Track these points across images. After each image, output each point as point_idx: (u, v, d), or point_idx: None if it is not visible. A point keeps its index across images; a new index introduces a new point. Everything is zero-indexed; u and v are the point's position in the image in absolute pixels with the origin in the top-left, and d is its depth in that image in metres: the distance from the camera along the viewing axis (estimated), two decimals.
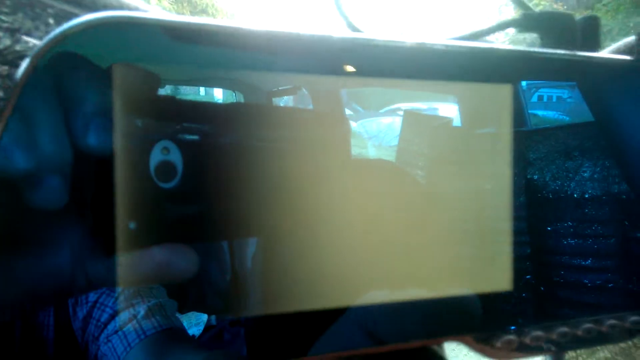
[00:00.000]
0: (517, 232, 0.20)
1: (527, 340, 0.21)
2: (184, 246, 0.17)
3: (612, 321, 0.21)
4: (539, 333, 0.21)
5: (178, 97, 0.20)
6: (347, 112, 0.28)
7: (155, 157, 0.17)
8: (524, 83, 0.23)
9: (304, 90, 0.30)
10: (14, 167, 0.15)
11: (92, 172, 0.17)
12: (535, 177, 0.21)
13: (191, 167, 0.18)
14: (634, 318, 0.21)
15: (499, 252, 0.19)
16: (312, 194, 0.19)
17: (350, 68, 0.30)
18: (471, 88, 0.22)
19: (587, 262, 0.21)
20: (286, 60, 0.22)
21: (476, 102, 0.22)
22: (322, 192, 0.20)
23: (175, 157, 0.18)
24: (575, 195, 0.22)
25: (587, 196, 0.22)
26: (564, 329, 0.21)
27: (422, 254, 0.20)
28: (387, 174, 0.22)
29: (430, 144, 0.22)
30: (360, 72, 0.28)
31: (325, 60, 0.22)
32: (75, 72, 0.16)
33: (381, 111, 0.30)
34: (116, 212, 0.17)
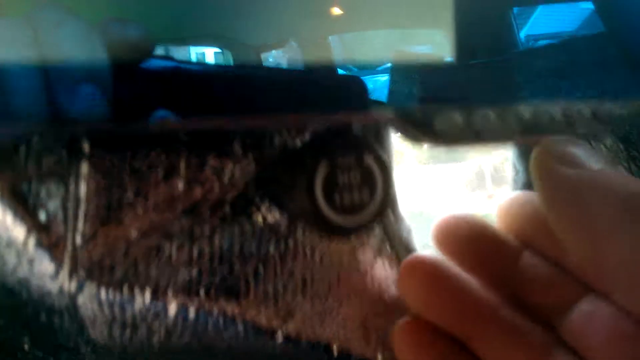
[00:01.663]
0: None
1: (476, 122, 0.19)
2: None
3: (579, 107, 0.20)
4: (490, 114, 0.19)
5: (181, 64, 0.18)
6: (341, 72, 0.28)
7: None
8: (521, 34, 0.23)
9: (293, 42, 0.29)
10: None
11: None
12: (528, 99, 0.21)
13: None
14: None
15: None
16: None
17: (337, 10, 0.29)
18: (465, 18, 0.22)
19: None
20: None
21: (468, 32, 0.22)
22: None
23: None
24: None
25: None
26: (522, 114, 0.19)
27: None
28: None
29: (420, 81, 0.22)
30: (348, 13, 0.28)
31: None
32: (59, 29, 0.14)
33: (379, 69, 0.29)
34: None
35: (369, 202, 0.19)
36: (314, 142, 0.19)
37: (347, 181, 0.17)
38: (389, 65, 0.28)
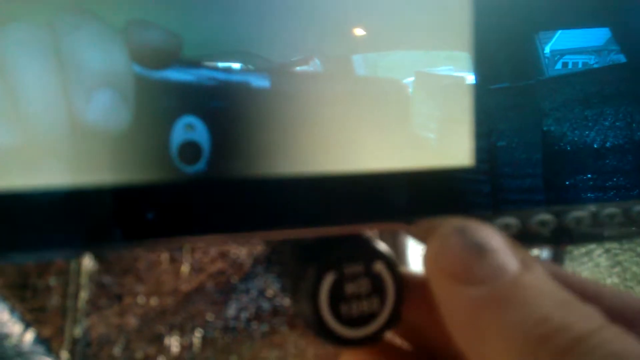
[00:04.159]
0: (533, 190, 0.20)
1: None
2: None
3: (612, 209, 0.18)
4: (510, 220, 0.17)
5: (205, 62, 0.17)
6: None
7: (178, 136, 0.16)
8: (547, 50, 0.22)
9: (317, 60, 0.29)
10: None
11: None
12: (552, 128, 0.21)
13: (220, 146, 0.16)
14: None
15: None
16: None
17: (360, 31, 0.30)
18: (487, 41, 0.21)
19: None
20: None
21: (492, 56, 0.22)
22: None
23: (202, 135, 0.16)
24: (595, 146, 0.21)
25: (608, 145, 0.21)
26: (546, 216, 0.18)
27: None
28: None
29: (442, 104, 0.22)
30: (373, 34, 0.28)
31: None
32: (77, 32, 0.13)
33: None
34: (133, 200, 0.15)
35: (379, 312, 0.17)
36: (319, 246, 0.18)
37: (355, 291, 0.17)
38: (410, 79, 0.28)
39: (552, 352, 0.09)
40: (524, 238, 0.19)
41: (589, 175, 0.21)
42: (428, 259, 0.13)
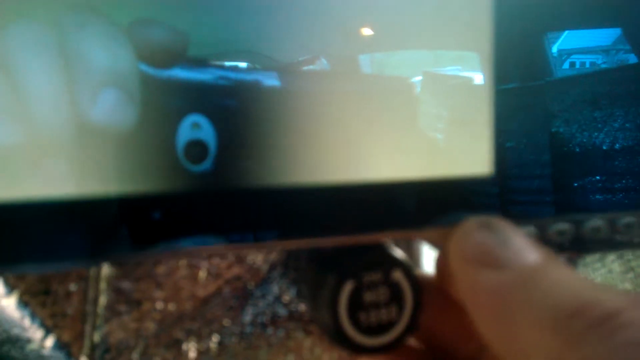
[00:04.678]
0: (541, 192, 0.20)
1: None
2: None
3: (629, 219, 0.18)
4: (528, 228, 0.18)
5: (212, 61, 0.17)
6: None
7: (184, 134, 0.15)
8: (554, 49, 0.22)
9: (323, 60, 0.29)
10: None
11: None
12: (561, 130, 0.20)
13: (227, 145, 0.16)
14: None
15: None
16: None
17: (367, 31, 0.30)
18: (496, 41, 0.21)
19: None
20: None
21: (501, 56, 0.22)
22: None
23: (208, 134, 0.16)
24: (604, 147, 0.21)
25: (617, 147, 0.21)
26: (563, 225, 0.18)
27: None
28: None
29: (449, 104, 0.21)
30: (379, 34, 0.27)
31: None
32: (83, 31, 0.13)
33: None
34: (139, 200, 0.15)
35: (397, 320, 0.17)
36: (338, 254, 0.18)
37: (374, 299, 0.17)
38: (417, 79, 0.28)
39: (584, 326, 0.09)
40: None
41: (598, 177, 0.20)
42: (452, 250, 0.13)
